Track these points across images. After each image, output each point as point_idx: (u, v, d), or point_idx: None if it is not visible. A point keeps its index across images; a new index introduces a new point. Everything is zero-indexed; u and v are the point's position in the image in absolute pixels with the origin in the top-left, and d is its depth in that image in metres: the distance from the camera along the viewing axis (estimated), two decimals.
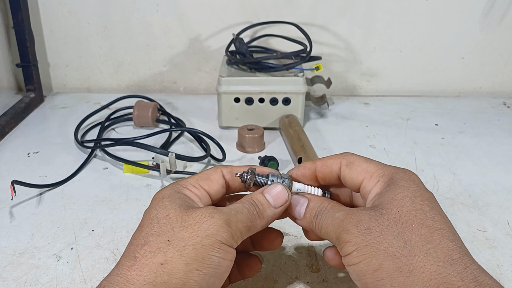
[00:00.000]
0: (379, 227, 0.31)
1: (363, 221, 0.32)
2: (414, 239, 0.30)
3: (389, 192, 0.33)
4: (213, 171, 0.38)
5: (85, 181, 0.61)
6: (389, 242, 0.30)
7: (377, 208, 0.32)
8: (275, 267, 0.45)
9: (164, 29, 0.88)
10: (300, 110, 0.73)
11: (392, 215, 0.31)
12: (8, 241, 0.49)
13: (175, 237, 0.31)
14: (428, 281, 0.28)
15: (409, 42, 0.89)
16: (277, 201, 0.36)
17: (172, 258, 0.30)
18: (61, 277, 0.44)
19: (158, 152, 0.61)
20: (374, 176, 0.35)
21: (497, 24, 0.87)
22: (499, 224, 0.52)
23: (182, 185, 0.37)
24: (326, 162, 0.38)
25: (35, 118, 0.81)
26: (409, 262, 0.29)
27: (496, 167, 0.64)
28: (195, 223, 0.32)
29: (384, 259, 0.30)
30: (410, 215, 0.31)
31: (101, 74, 0.93)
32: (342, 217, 0.33)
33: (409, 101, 0.89)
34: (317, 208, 0.36)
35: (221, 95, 0.72)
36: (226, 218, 0.32)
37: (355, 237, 0.31)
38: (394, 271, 0.29)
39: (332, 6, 0.86)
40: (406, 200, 0.32)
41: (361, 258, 0.31)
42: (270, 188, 0.36)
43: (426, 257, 0.29)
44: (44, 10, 0.87)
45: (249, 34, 0.86)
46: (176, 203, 0.34)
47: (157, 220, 0.33)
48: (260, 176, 0.38)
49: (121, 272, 0.30)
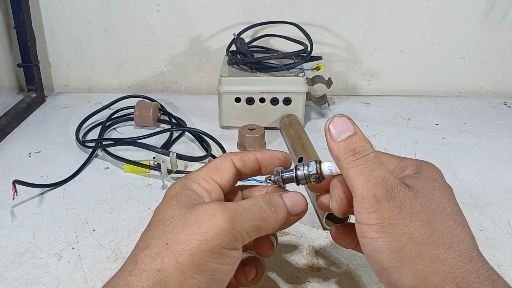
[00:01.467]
0: (410, 209, 0.30)
1: (396, 197, 0.30)
2: (440, 230, 0.29)
3: (420, 178, 0.32)
4: (223, 160, 0.37)
5: (86, 181, 0.61)
6: (416, 227, 0.29)
7: (412, 188, 0.31)
8: (275, 266, 0.45)
9: (165, 29, 0.88)
10: (301, 110, 0.73)
11: (424, 201, 0.31)
12: (10, 241, 0.49)
13: (173, 240, 0.30)
14: (447, 274, 0.28)
15: (410, 42, 0.89)
16: (293, 208, 0.35)
17: (168, 265, 0.30)
18: (62, 276, 0.44)
19: (159, 152, 0.61)
20: (398, 166, 0.35)
21: (498, 24, 0.87)
22: (500, 224, 0.52)
23: (192, 179, 0.35)
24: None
25: (37, 118, 0.81)
26: (433, 251, 0.29)
27: (496, 166, 0.64)
28: (195, 222, 0.31)
29: (408, 242, 0.29)
30: (440, 206, 0.31)
31: (102, 74, 0.93)
32: (380, 180, 0.31)
33: (409, 101, 0.89)
34: (359, 145, 0.33)
35: (222, 95, 0.72)
36: (230, 217, 0.31)
37: (383, 211, 0.30)
38: (416, 256, 0.29)
39: (333, 6, 0.86)
40: (436, 190, 0.32)
41: (382, 235, 0.30)
42: (291, 196, 0.35)
43: (449, 250, 0.29)
44: (45, 10, 0.88)
45: (250, 34, 0.86)
46: (182, 202, 0.33)
47: (163, 221, 0.32)
48: (285, 172, 0.37)
49: (122, 276, 0.30)
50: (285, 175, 0.37)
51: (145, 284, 0.29)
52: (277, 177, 0.37)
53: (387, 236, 0.29)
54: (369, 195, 0.31)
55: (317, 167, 0.36)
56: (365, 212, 0.30)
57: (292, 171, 0.37)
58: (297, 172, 0.37)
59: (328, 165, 0.36)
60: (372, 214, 0.30)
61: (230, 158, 0.37)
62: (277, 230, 0.35)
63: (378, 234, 0.30)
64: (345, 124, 0.34)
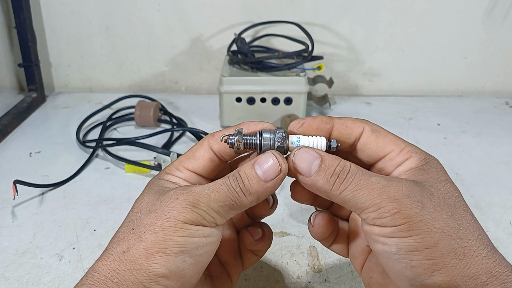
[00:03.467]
0: (432, 203, 0.29)
1: (415, 192, 0.29)
2: (464, 224, 0.29)
3: (432, 171, 0.31)
4: (199, 145, 0.35)
5: (87, 181, 0.61)
6: (445, 221, 0.28)
7: (423, 184, 0.30)
8: (276, 266, 0.45)
9: (165, 28, 0.88)
10: (302, 110, 0.73)
11: (441, 195, 0.29)
12: (10, 241, 0.49)
13: (139, 225, 0.31)
14: (480, 265, 0.28)
15: (411, 41, 0.88)
16: (268, 174, 0.31)
17: (133, 244, 0.30)
18: (63, 276, 0.44)
19: (160, 152, 0.61)
20: (405, 150, 0.32)
21: (500, 23, 0.87)
22: (501, 224, 0.52)
23: (165, 171, 0.35)
24: (346, 122, 0.33)
25: (37, 118, 0.81)
26: (464, 244, 0.28)
27: (498, 167, 0.64)
28: (160, 207, 0.31)
29: (440, 238, 0.28)
30: (456, 200, 0.30)
31: (103, 74, 0.93)
32: (385, 183, 0.29)
33: (411, 101, 0.88)
34: (336, 166, 0.30)
35: (223, 95, 0.72)
36: (192, 199, 0.30)
37: (407, 209, 0.28)
38: (449, 252, 0.28)
39: (334, 6, 0.85)
40: (449, 184, 0.31)
41: (413, 233, 0.28)
42: (261, 158, 0.31)
43: (478, 242, 0.29)
44: (46, 10, 0.87)
45: (250, 34, 0.86)
46: (153, 191, 0.33)
47: (132, 210, 0.32)
48: (249, 136, 0.32)
49: (92, 265, 0.31)
50: (248, 140, 0.32)
51: (110, 266, 0.30)
52: (237, 138, 0.32)
53: (418, 233, 0.28)
54: (384, 198, 0.29)
55: (285, 136, 0.32)
56: (388, 215, 0.28)
57: (257, 137, 0.32)
58: (262, 138, 0.32)
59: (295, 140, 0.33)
60: (395, 215, 0.28)
61: (207, 141, 0.35)
62: (259, 201, 0.32)
63: (408, 233, 0.28)
64: (308, 155, 0.31)
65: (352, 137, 0.34)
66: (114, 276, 0.29)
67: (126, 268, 0.29)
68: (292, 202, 0.56)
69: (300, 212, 0.54)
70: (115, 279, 0.29)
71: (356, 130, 0.33)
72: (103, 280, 0.29)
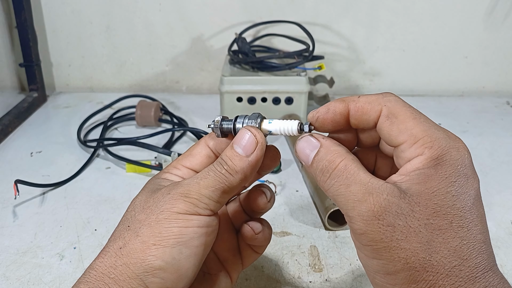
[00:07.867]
0: (405, 227, 0.26)
1: (389, 212, 0.26)
2: (442, 252, 0.26)
3: (437, 178, 0.27)
4: (197, 144, 0.37)
5: (87, 181, 0.61)
6: (413, 250, 0.26)
7: (409, 198, 0.27)
8: (277, 266, 0.45)
9: (166, 28, 0.88)
10: (303, 109, 0.73)
11: (426, 215, 0.26)
12: (12, 240, 0.49)
13: (134, 221, 0.31)
14: None
15: (412, 41, 0.88)
16: (247, 148, 0.31)
17: (129, 240, 0.30)
18: (64, 276, 0.44)
19: (161, 151, 0.61)
20: (419, 144, 0.28)
21: (501, 23, 0.87)
22: (503, 224, 0.52)
23: (163, 170, 0.36)
24: (362, 107, 0.31)
25: (38, 117, 0.81)
26: (429, 278, 0.26)
27: (499, 166, 0.64)
28: (153, 203, 0.32)
29: (402, 268, 0.26)
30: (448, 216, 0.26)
31: (103, 73, 0.93)
32: (361, 196, 0.27)
33: (412, 101, 0.87)
34: (325, 161, 0.29)
35: (223, 94, 0.72)
36: (183, 190, 0.31)
37: (373, 233, 0.26)
38: (411, 282, 0.26)
39: (335, 6, 0.85)
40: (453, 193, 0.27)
41: (376, 256, 0.27)
42: (237, 137, 0.32)
43: (448, 277, 0.26)
44: (47, 10, 0.88)
45: (251, 34, 0.86)
46: (147, 189, 0.34)
47: (127, 211, 0.33)
48: (225, 121, 0.34)
49: (90, 264, 0.31)
50: (224, 125, 0.34)
51: (107, 263, 0.30)
52: (213, 125, 0.34)
53: (380, 258, 0.27)
54: (354, 215, 0.27)
55: (258, 122, 0.33)
56: (356, 233, 0.28)
57: (232, 122, 0.34)
58: (235, 123, 0.33)
59: (269, 122, 0.33)
60: (362, 236, 0.27)
61: (204, 139, 0.37)
62: (250, 178, 0.32)
63: (372, 254, 0.27)
64: (307, 144, 0.31)
65: (371, 122, 0.31)
66: (110, 272, 0.30)
67: (122, 263, 0.30)
68: (293, 202, 0.56)
69: (300, 211, 0.54)
70: (111, 275, 0.29)
71: (372, 115, 0.30)
72: (100, 277, 0.30)
